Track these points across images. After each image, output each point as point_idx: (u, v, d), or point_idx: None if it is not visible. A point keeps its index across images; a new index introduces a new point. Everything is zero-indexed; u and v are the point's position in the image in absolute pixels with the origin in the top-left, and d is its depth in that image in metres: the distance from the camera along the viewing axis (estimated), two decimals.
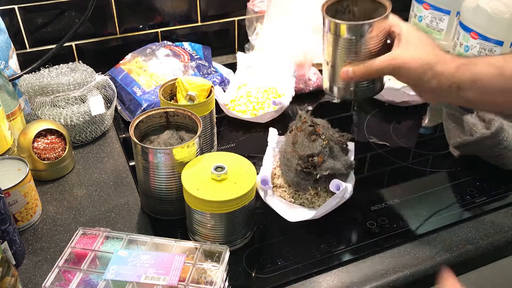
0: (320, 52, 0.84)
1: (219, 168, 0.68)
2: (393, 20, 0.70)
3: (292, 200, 0.78)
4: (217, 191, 0.66)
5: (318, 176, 0.74)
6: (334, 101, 1.08)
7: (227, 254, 0.63)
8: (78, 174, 0.86)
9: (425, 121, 1.03)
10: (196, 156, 0.72)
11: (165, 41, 1.13)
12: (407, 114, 1.03)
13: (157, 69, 1.03)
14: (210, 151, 0.89)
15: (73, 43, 1.10)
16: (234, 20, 1.23)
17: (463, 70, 0.64)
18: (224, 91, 1.04)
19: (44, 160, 0.82)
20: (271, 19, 1.10)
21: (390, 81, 1.05)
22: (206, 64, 1.06)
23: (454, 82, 0.64)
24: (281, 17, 1.08)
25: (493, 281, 0.87)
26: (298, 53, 1.04)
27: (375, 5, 0.73)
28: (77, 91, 0.90)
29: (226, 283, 0.64)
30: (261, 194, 0.77)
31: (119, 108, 1.01)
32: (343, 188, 0.75)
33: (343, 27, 0.68)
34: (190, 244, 0.65)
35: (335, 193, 0.76)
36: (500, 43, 1.09)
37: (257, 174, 0.72)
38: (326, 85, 0.77)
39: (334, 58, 0.73)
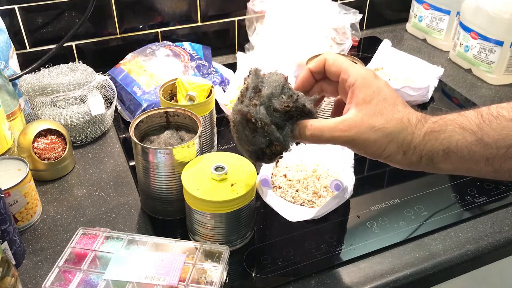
0: (320, 51, 0.85)
1: (219, 168, 0.68)
2: (340, 64, 0.56)
3: (292, 200, 0.78)
4: (217, 191, 0.66)
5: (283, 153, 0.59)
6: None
7: (227, 254, 0.63)
8: (78, 174, 0.86)
9: None
10: (196, 156, 0.72)
11: (165, 41, 1.13)
12: None
13: (157, 69, 1.03)
14: (210, 151, 0.89)
15: (73, 43, 1.10)
16: (234, 20, 1.23)
17: (434, 137, 0.51)
18: (224, 91, 1.04)
19: (44, 160, 0.82)
20: (271, 19, 1.10)
21: (390, 81, 1.05)
22: (206, 64, 1.06)
23: (425, 155, 0.52)
24: (281, 17, 1.08)
25: (493, 281, 0.87)
26: (298, 53, 1.04)
27: None
28: (77, 91, 0.90)
29: (226, 283, 0.64)
30: (261, 194, 0.77)
31: (119, 108, 1.01)
32: (343, 188, 0.75)
33: None
34: (190, 244, 0.65)
35: (335, 193, 0.76)
36: (500, 43, 1.09)
37: (257, 174, 0.72)
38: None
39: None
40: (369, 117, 0.53)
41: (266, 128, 0.55)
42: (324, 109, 0.89)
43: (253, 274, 0.67)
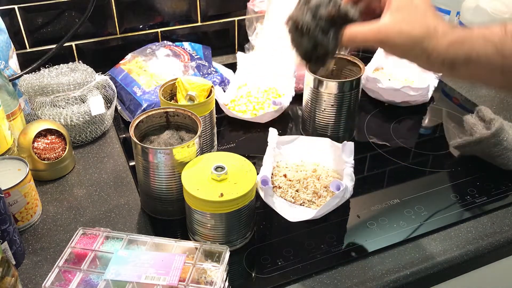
0: None
1: (219, 168, 0.68)
2: None
3: (292, 200, 0.78)
4: (217, 191, 0.66)
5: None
6: None
7: (227, 254, 0.63)
8: (78, 174, 0.86)
9: (425, 121, 1.03)
10: (196, 156, 0.72)
11: (165, 41, 1.13)
12: (407, 114, 1.03)
13: (157, 69, 1.03)
14: (210, 151, 0.89)
15: (73, 43, 1.10)
16: (234, 20, 1.23)
17: (456, 48, 0.56)
18: (224, 91, 1.04)
19: (44, 160, 0.82)
20: (271, 19, 1.10)
21: (390, 81, 1.05)
22: (206, 64, 1.06)
23: (446, 60, 0.57)
24: (281, 17, 1.08)
25: (493, 281, 0.87)
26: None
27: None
28: (77, 91, 0.90)
29: (226, 283, 0.64)
30: (261, 194, 0.77)
31: (119, 108, 1.01)
32: (343, 188, 0.75)
33: None
34: (190, 244, 0.65)
35: (335, 193, 0.76)
36: None
37: (257, 174, 0.72)
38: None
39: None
40: (399, 23, 0.58)
41: (311, 32, 0.62)
42: (324, 109, 0.89)
43: (253, 274, 0.67)
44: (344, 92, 0.86)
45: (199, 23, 1.20)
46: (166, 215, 0.76)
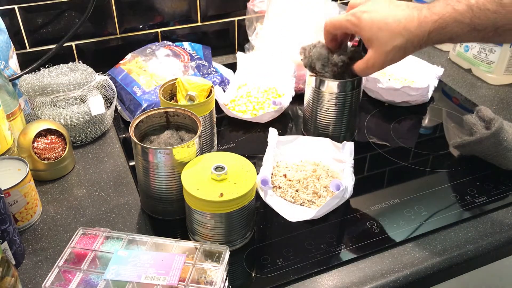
0: None
1: (219, 168, 0.68)
2: (340, 27, 0.77)
3: (292, 200, 0.78)
4: (217, 191, 0.66)
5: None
6: None
7: (227, 254, 0.63)
8: (78, 174, 0.86)
9: (425, 121, 1.03)
10: (196, 156, 0.72)
11: (165, 41, 1.13)
12: (407, 114, 1.03)
13: (157, 69, 1.03)
14: (210, 151, 0.89)
15: (73, 43, 1.11)
16: (234, 20, 1.23)
17: (437, 35, 0.68)
18: (224, 91, 1.04)
19: (44, 160, 0.82)
20: (271, 19, 1.10)
21: (390, 81, 1.05)
22: (206, 64, 1.06)
23: (434, 43, 0.70)
24: (281, 17, 1.08)
25: (493, 281, 0.87)
26: (298, 53, 1.04)
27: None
28: (77, 91, 0.90)
29: (226, 283, 0.64)
30: (261, 194, 0.77)
31: (119, 108, 1.01)
32: (343, 188, 0.75)
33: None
34: (190, 244, 0.65)
35: (335, 193, 0.76)
36: (500, 43, 1.09)
37: (257, 174, 0.72)
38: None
39: None
40: (380, 49, 0.71)
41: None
42: (328, 109, 0.89)
43: (253, 274, 0.67)
44: (346, 92, 0.86)
45: (199, 23, 1.20)
46: (166, 215, 0.76)
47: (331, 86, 0.86)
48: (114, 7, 1.10)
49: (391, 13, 0.70)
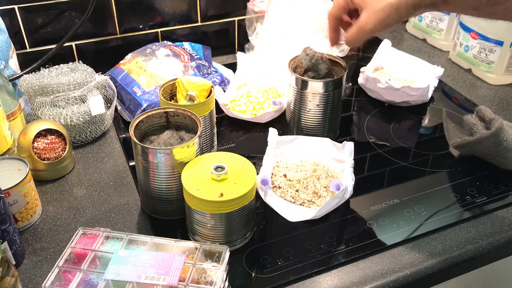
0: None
1: (219, 168, 0.68)
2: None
3: (292, 200, 0.78)
4: (217, 191, 0.66)
5: None
6: None
7: (227, 254, 0.63)
8: (78, 174, 0.86)
9: (425, 121, 1.03)
10: (196, 156, 0.72)
11: (165, 41, 1.13)
12: (407, 114, 1.03)
13: (157, 69, 1.03)
14: (210, 151, 0.89)
15: (73, 43, 1.10)
16: (234, 20, 1.23)
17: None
18: (224, 91, 1.04)
19: (44, 160, 0.82)
20: (271, 19, 1.10)
21: (390, 81, 1.05)
22: (206, 64, 1.06)
23: (429, 5, 0.69)
24: (281, 17, 1.08)
25: (493, 281, 0.87)
26: (298, 53, 1.04)
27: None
28: (77, 91, 0.90)
29: (226, 283, 0.64)
30: (261, 194, 0.77)
31: (119, 108, 1.01)
32: (343, 188, 0.75)
33: None
34: (190, 244, 0.65)
35: (335, 193, 0.76)
36: (500, 43, 1.09)
37: (257, 174, 0.72)
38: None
39: None
40: (372, 8, 0.70)
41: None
42: (310, 109, 0.89)
43: (253, 274, 0.67)
44: (329, 92, 0.86)
45: (199, 23, 1.20)
46: (166, 215, 0.76)
47: (314, 87, 0.86)
48: (114, 7, 1.10)
49: None
